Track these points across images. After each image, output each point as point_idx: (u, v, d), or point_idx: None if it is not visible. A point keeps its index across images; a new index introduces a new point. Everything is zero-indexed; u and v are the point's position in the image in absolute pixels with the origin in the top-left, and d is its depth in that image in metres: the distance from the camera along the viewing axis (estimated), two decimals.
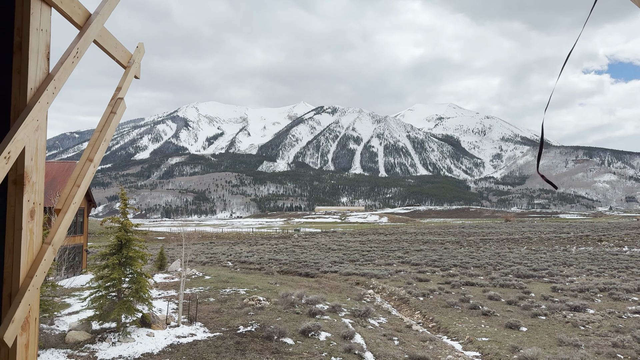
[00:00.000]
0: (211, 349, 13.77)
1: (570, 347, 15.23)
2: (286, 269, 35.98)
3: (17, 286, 2.05)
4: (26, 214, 2.08)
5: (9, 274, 2.07)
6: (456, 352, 15.21)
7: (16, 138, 1.91)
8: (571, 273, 31.64)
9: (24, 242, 2.07)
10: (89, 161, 2.47)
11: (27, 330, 2.07)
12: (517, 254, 45.77)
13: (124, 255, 15.29)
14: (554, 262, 38.50)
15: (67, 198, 2.31)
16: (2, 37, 2.11)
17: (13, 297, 2.03)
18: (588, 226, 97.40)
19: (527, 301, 22.03)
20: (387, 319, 19.70)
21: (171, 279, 28.29)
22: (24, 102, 2.10)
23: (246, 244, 68.30)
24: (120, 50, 2.87)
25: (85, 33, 2.34)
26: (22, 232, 2.08)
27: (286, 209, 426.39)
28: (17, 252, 2.05)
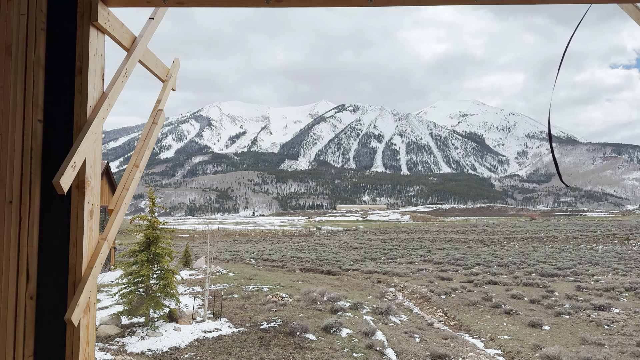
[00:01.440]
0: (236, 344, 14.15)
1: (594, 346, 15.14)
2: (308, 267, 36.32)
3: (80, 275, 2.40)
4: (87, 214, 2.42)
5: (73, 265, 2.41)
6: (477, 350, 15.27)
7: (80, 149, 2.24)
8: (597, 272, 31.17)
9: (86, 238, 2.41)
10: (135, 167, 2.81)
11: (88, 313, 2.42)
12: (541, 253, 45.20)
13: (152, 252, 15.80)
14: (579, 261, 37.94)
15: (118, 200, 2.66)
16: (66, 62, 2.45)
17: (77, 285, 2.38)
18: (615, 224, 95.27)
19: (551, 300, 21.84)
20: (408, 317, 19.83)
21: (196, 276, 28.91)
22: (84, 118, 2.43)
23: (268, 242, 68.97)
24: (160, 66, 3.19)
25: (132, 55, 2.67)
26: (84, 229, 2.41)
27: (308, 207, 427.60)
28: (80, 247, 2.39)
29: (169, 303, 16.57)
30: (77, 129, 2.42)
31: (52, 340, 2.33)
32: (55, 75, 2.48)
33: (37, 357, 2.37)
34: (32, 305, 2.35)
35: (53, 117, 2.43)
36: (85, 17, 2.47)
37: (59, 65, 2.48)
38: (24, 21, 2.40)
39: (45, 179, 2.37)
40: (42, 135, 2.43)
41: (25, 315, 2.30)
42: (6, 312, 2.30)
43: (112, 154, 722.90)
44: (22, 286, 2.30)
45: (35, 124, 2.38)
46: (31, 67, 2.40)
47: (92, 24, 2.49)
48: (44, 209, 2.37)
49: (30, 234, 2.34)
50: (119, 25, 2.66)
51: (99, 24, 2.51)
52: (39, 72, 2.44)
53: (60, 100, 2.44)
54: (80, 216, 2.40)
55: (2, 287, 2.27)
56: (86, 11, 2.47)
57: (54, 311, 2.34)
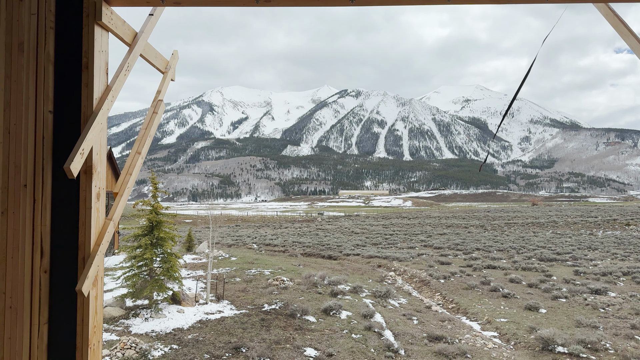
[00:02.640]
0: (238, 325, 14.52)
1: (588, 329, 15.45)
2: (309, 252, 36.71)
3: (88, 252, 2.66)
4: (94, 196, 2.67)
5: (82, 242, 2.67)
6: (474, 332, 15.60)
7: (87, 138, 2.47)
8: (595, 257, 31.47)
9: (93, 218, 2.67)
10: (137, 154, 3.06)
11: (97, 285, 2.70)
12: (541, 238, 45.52)
13: (155, 236, 16.11)
14: (579, 246, 38.24)
15: (123, 184, 2.92)
16: (73, 58, 2.68)
17: (86, 260, 2.64)
18: (617, 210, 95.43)
19: (548, 284, 22.14)
20: (407, 300, 20.18)
21: (199, 260, 29.32)
22: (90, 109, 2.67)
23: (270, 227, 69.42)
24: (159, 59, 3.41)
25: (133, 50, 2.88)
26: (91, 210, 2.68)
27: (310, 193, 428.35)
28: (88, 226, 2.65)
29: (172, 286, 16.92)
30: (85, 119, 2.66)
31: (64, 309, 2.61)
32: (63, 70, 2.72)
33: (51, 323, 2.65)
34: (46, 278, 2.63)
35: (62, 108, 2.68)
36: (91, 16, 2.68)
37: (67, 61, 2.71)
38: (34, 20, 2.62)
39: (56, 165, 2.63)
40: (53, 125, 2.68)
41: (40, 287, 2.59)
42: (23, 284, 2.59)
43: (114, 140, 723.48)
44: (37, 261, 2.58)
45: (46, 114, 2.62)
46: (42, 63, 2.64)
47: (97, 23, 2.71)
48: (55, 192, 2.63)
49: (44, 214, 2.60)
50: (121, 23, 2.88)
51: (103, 22, 2.74)
52: (48, 68, 2.67)
53: (68, 93, 2.68)
54: (88, 198, 2.65)
55: (19, 262, 2.55)
56: (91, 11, 2.69)
57: (65, 283, 2.62)
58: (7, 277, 2.56)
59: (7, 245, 2.57)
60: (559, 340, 13.71)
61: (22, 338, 2.56)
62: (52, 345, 2.61)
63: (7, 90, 2.57)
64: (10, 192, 2.56)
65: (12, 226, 2.55)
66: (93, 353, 2.63)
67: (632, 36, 2.83)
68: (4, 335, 2.56)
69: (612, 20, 2.92)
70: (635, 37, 2.82)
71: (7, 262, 2.57)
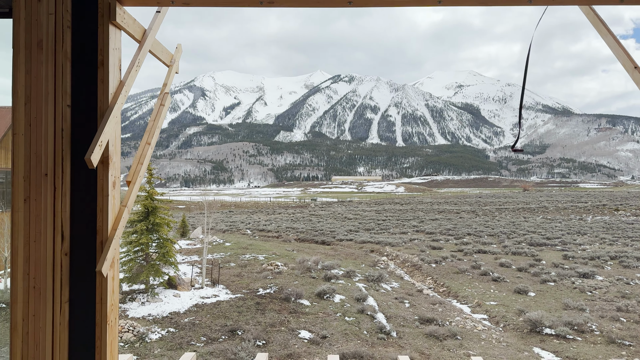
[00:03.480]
0: (233, 309, 14.81)
1: (575, 311, 15.89)
2: (303, 237, 37.04)
3: (106, 236, 2.90)
4: (110, 185, 2.89)
5: (100, 227, 2.92)
6: (464, 315, 16.00)
7: (105, 131, 2.70)
8: (584, 242, 32.03)
9: (110, 205, 2.90)
10: (147, 144, 3.28)
11: (114, 267, 2.93)
12: (532, 223, 46.12)
13: (151, 222, 16.29)
14: (568, 231, 38.84)
15: (135, 173, 3.13)
16: (89, 56, 2.87)
17: (104, 243, 2.88)
18: (607, 195, 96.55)
19: (538, 268, 22.59)
20: (399, 284, 20.57)
21: (193, 245, 29.54)
22: (106, 104, 2.88)
23: (264, 213, 69.62)
24: (165, 53, 3.60)
25: (143, 46, 3.09)
26: (108, 197, 2.91)
27: (303, 179, 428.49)
28: (105, 212, 2.89)
29: (168, 271, 17.15)
30: (101, 113, 2.87)
31: (84, 289, 2.86)
32: (80, 67, 2.91)
33: (72, 302, 2.89)
34: (66, 260, 2.87)
35: (79, 102, 2.89)
36: (105, 16, 2.88)
37: (83, 58, 2.91)
38: (52, 20, 2.82)
39: (74, 155, 2.85)
40: (71, 118, 2.89)
41: (61, 268, 2.84)
42: (45, 266, 2.83)
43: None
44: (58, 245, 2.81)
45: (64, 108, 2.83)
46: (60, 60, 2.83)
47: (111, 23, 2.91)
48: (74, 181, 2.85)
49: (64, 201, 2.82)
50: (132, 22, 3.07)
51: (117, 22, 2.93)
52: (66, 64, 2.86)
53: (85, 88, 2.89)
54: (105, 186, 2.87)
55: (42, 246, 2.79)
56: (106, 11, 2.89)
57: (85, 265, 2.87)
58: (30, 259, 2.79)
59: (30, 230, 2.80)
60: (546, 322, 14.12)
61: (45, 315, 2.81)
62: (73, 322, 2.85)
63: (28, 85, 2.78)
64: (32, 181, 2.77)
65: (34, 212, 2.78)
66: (111, 329, 2.88)
67: (610, 35, 3.05)
68: (28, 313, 2.81)
69: (593, 20, 3.13)
70: (613, 36, 3.04)
71: (31, 246, 2.80)
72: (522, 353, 12.10)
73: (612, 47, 3.06)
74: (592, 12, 3.12)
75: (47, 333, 2.81)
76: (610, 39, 3.04)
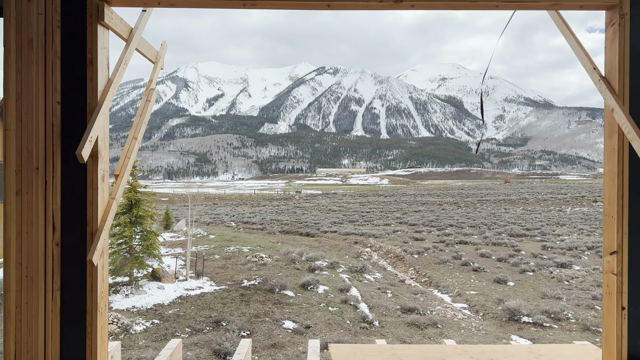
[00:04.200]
0: (218, 300, 14.92)
1: (552, 300, 16.35)
2: (287, 229, 37.19)
3: (96, 227, 3.03)
4: (100, 178, 3.02)
5: (90, 218, 3.05)
6: (445, 304, 16.35)
7: (95, 127, 2.81)
8: (563, 232, 32.74)
9: (99, 197, 3.03)
10: (134, 139, 3.41)
11: (103, 257, 3.07)
12: (512, 215, 46.92)
13: (134, 214, 16.26)
14: (548, 222, 39.62)
15: (122, 166, 3.26)
16: (78, 54, 2.98)
17: (94, 234, 3.01)
18: (586, 187, 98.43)
19: (517, 258, 23.05)
20: (382, 275, 20.87)
21: (177, 238, 29.49)
22: (95, 101, 2.99)
23: (248, 205, 69.56)
24: (150, 50, 3.72)
25: (130, 45, 3.20)
26: (98, 190, 3.04)
27: (287, 171, 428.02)
28: (95, 204, 3.02)
29: (151, 263, 17.16)
30: (90, 110, 2.98)
31: (75, 278, 3.00)
32: (69, 65, 3.02)
33: (62, 290, 3.03)
34: (57, 250, 3.01)
35: (69, 99, 3.00)
36: (94, 16, 2.99)
37: (73, 57, 3.01)
38: (42, 19, 2.92)
39: (64, 150, 2.97)
40: (61, 114, 3.00)
41: (52, 258, 2.98)
42: (37, 256, 2.97)
43: None
44: (50, 235, 2.94)
45: (54, 105, 2.94)
46: (50, 58, 2.94)
47: (99, 23, 3.01)
48: (64, 174, 2.98)
49: (54, 194, 2.95)
50: (119, 21, 3.18)
51: (105, 22, 3.04)
52: (56, 63, 2.97)
53: (74, 86, 3.00)
54: (94, 180, 3.00)
55: (33, 237, 2.93)
56: (94, 12, 2.99)
57: (76, 255, 3.01)
58: (22, 249, 2.92)
59: (22, 221, 2.92)
60: (524, 310, 14.53)
61: (38, 303, 2.94)
62: (64, 309, 2.98)
63: (19, 82, 2.88)
64: (24, 175, 2.89)
65: (26, 205, 2.90)
66: (101, 315, 3.03)
67: (572, 37, 3.26)
68: (21, 301, 2.93)
69: (558, 23, 3.33)
70: (576, 39, 3.25)
71: (23, 237, 2.92)
72: (500, 340, 12.47)
73: (574, 49, 3.27)
74: (558, 15, 3.32)
75: (39, 320, 2.94)
76: (573, 41, 3.25)
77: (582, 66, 3.30)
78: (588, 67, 3.26)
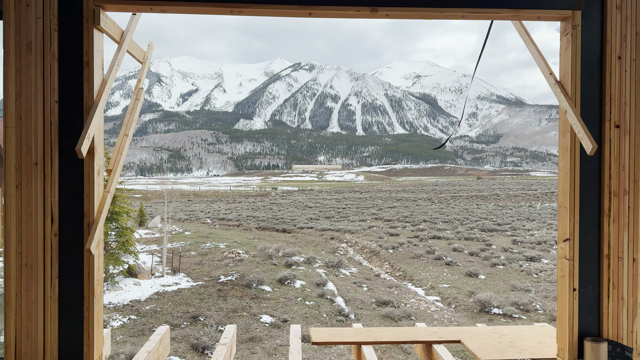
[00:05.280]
0: (195, 296, 15.02)
1: (522, 292, 16.95)
2: (264, 226, 37.26)
3: (93, 218, 3.23)
4: (96, 173, 3.22)
5: (87, 210, 3.25)
6: (418, 297, 16.79)
7: (92, 125, 3.01)
8: (533, 227, 33.69)
9: (96, 191, 3.24)
10: (125, 136, 3.61)
11: (99, 246, 3.27)
12: (484, 210, 47.97)
13: (110, 210, 16.20)
14: (518, 217, 40.67)
15: (115, 162, 3.45)
16: (75, 56, 3.16)
17: (91, 225, 3.22)
18: (555, 183, 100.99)
19: (488, 252, 23.68)
20: (358, 269, 21.24)
21: (152, 235, 29.28)
22: (91, 100, 3.18)
23: (224, 202, 69.18)
24: (139, 51, 3.91)
25: (122, 47, 3.40)
26: (94, 184, 3.24)
27: (263, 168, 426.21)
28: (92, 197, 3.22)
29: (127, 259, 17.13)
30: (87, 109, 3.18)
31: (72, 266, 3.21)
32: (66, 66, 3.21)
33: (61, 277, 3.24)
34: (56, 240, 3.21)
35: (66, 99, 3.19)
36: (90, 21, 3.18)
37: (70, 59, 3.20)
38: (40, 23, 3.10)
39: (62, 146, 3.17)
40: (58, 112, 3.19)
41: (51, 247, 3.18)
42: (36, 245, 3.17)
43: None
44: (48, 226, 3.13)
45: (52, 104, 3.13)
46: (48, 60, 3.12)
47: (95, 27, 3.20)
48: (62, 169, 3.17)
49: (53, 188, 3.15)
50: (113, 25, 3.37)
51: (100, 26, 3.22)
52: (54, 64, 3.15)
53: (71, 86, 3.19)
54: (91, 174, 3.19)
55: (33, 228, 3.13)
56: (90, 17, 3.18)
57: (73, 245, 3.21)
58: (22, 239, 3.11)
59: (22, 213, 3.10)
60: (495, 302, 15.06)
61: (37, 290, 3.13)
62: (62, 295, 3.18)
63: (18, 82, 3.05)
64: (24, 169, 3.06)
65: (25, 198, 3.08)
66: (97, 301, 3.23)
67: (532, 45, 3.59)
68: (21, 288, 3.12)
69: (520, 31, 3.65)
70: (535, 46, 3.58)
71: (22, 228, 3.10)
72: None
73: (534, 55, 3.59)
74: (520, 24, 3.65)
75: (38, 306, 3.13)
76: (532, 48, 3.58)
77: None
78: (545, 72, 3.59)
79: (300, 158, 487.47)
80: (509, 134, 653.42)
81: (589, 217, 3.61)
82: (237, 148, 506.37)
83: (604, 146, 3.54)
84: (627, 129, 3.52)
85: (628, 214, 3.56)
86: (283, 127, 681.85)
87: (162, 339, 4.10)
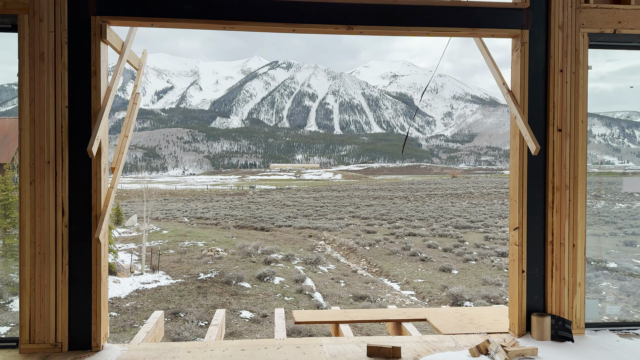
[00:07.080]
0: (174, 293, 15.26)
1: (492, 286, 17.67)
2: (242, 224, 37.44)
3: (100, 211, 3.59)
4: (102, 170, 3.60)
5: (94, 204, 3.62)
6: (394, 291, 17.37)
7: (100, 128, 3.37)
8: (504, 224, 34.66)
9: (102, 186, 3.61)
10: (125, 137, 3.98)
11: (106, 236, 3.63)
12: (458, 208, 49.03)
13: None
14: (491, 214, 41.74)
15: (117, 160, 3.81)
16: (83, 66, 3.53)
17: (98, 217, 3.57)
18: None
19: (461, 248, 24.43)
20: (335, 266, 21.73)
21: (129, 233, 29.24)
22: (98, 105, 3.54)
23: (201, 201, 68.87)
24: (135, 59, 4.29)
25: (123, 57, 3.77)
26: (101, 181, 3.61)
27: (240, 167, 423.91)
28: (99, 192, 3.59)
29: None
30: (94, 113, 3.55)
31: (81, 254, 3.58)
32: (75, 75, 3.58)
33: (71, 264, 3.62)
34: (66, 231, 3.60)
35: (75, 104, 3.55)
36: (97, 35, 3.54)
37: (78, 68, 3.57)
38: (52, 36, 3.46)
39: (71, 146, 3.54)
40: (68, 116, 3.54)
41: (62, 237, 3.57)
42: (49, 235, 3.56)
43: None
44: (60, 219, 3.51)
45: (63, 109, 3.50)
46: (59, 69, 3.48)
47: (102, 40, 3.56)
48: (72, 167, 3.55)
49: (63, 184, 3.52)
50: (115, 37, 3.74)
51: (106, 39, 3.59)
52: (64, 73, 3.51)
53: (80, 93, 3.56)
54: (98, 172, 3.57)
55: (45, 219, 3.50)
56: (97, 31, 3.54)
57: (82, 235, 3.59)
58: (36, 230, 3.48)
59: (35, 206, 3.47)
60: (466, 296, 15.72)
61: (49, 275, 3.51)
62: (72, 280, 3.56)
63: (32, 89, 3.40)
64: (37, 167, 3.42)
65: (39, 192, 3.45)
66: (103, 285, 3.61)
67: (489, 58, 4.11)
68: (35, 274, 3.49)
69: (479, 45, 4.16)
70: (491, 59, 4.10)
71: (36, 219, 3.48)
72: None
73: (490, 67, 4.11)
74: (480, 40, 4.15)
75: (50, 289, 3.51)
76: (489, 61, 4.09)
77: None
78: (499, 82, 4.10)
79: (277, 157, 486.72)
80: (483, 134, 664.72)
81: (536, 209, 4.16)
82: (214, 146, 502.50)
83: (548, 147, 4.11)
84: (568, 132, 4.09)
85: (569, 206, 4.14)
86: (260, 126, 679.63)
87: (157, 322, 4.50)
